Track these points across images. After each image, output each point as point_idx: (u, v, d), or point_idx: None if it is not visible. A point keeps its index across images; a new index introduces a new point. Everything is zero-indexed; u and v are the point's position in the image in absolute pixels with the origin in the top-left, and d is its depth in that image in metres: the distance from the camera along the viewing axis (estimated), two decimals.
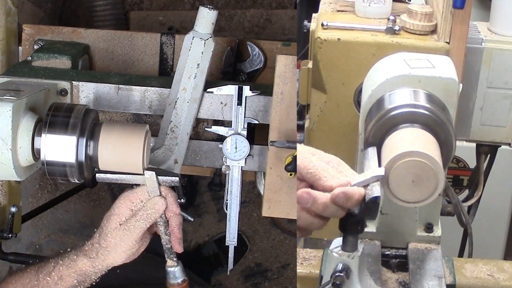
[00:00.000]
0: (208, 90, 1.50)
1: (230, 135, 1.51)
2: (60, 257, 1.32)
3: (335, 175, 1.03)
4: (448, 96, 1.14)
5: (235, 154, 1.52)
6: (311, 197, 0.99)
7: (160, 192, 1.29)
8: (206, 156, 1.56)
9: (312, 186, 1.02)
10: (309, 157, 1.04)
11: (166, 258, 1.34)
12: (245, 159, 1.53)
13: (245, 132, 1.51)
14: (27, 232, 2.70)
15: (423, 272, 1.25)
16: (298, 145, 1.11)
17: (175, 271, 1.35)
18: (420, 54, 1.21)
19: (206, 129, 1.55)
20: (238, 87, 1.50)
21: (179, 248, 1.33)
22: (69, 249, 1.33)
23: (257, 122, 1.53)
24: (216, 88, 1.50)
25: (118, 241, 1.27)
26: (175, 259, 1.35)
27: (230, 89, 1.50)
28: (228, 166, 1.54)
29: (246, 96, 1.50)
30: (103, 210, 1.31)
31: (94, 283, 1.33)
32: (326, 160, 1.05)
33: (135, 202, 1.29)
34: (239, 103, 1.50)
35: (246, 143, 1.51)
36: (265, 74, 1.72)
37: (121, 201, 1.29)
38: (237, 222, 1.57)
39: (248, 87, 1.50)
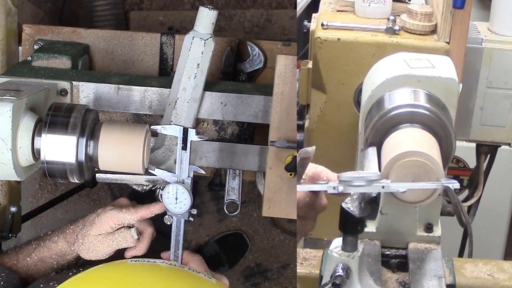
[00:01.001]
0: (152, 127, 1.28)
1: (171, 183, 1.28)
2: (41, 239, 1.38)
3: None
4: (448, 96, 1.14)
5: (175, 206, 1.28)
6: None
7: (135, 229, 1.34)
8: (206, 156, 1.56)
9: None
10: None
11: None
12: (189, 212, 1.30)
13: (189, 181, 1.28)
14: (27, 232, 2.69)
15: (423, 272, 1.25)
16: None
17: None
18: (420, 54, 1.21)
19: (150, 171, 1.31)
20: (184, 128, 1.26)
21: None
22: (49, 232, 1.39)
23: (203, 173, 1.33)
24: (160, 126, 1.28)
25: (91, 247, 1.33)
26: None
27: (174, 130, 1.27)
28: (170, 216, 1.31)
29: (191, 141, 1.27)
30: None
31: (72, 263, 1.39)
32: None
33: (116, 223, 1.33)
34: (184, 148, 1.26)
35: (187, 195, 1.27)
36: (265, 74, 1.72)
37: (106, 216, 1.34)
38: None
39: (194, 130, 1.27)
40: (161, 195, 1.33)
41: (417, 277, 1.24)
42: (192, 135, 1.26)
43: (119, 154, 1.23)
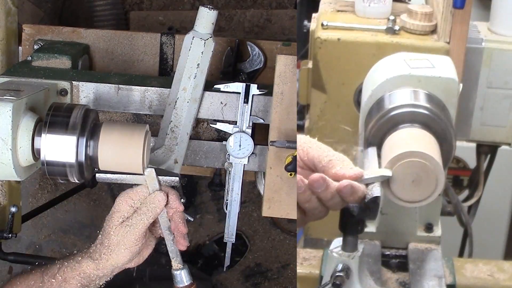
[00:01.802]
0: (215, 86, 1.50)
1: (234, 133, 1.51)
2: (66, 259, 1.31)
3: (349, 166, 1.05)
4: (448, 96, 1.14)
5: (239, 152, 1.51)
6: (325, 183, 1.00)
7: (160, 188, 1.28)
8: (206, 156, 1.56)
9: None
10: (323, 147, 1.08)
11: (172, 261, 1.33)
12: (248, 157, 1.53)
13: (249, 131, 1.51)
14: (27, 232, 2.70)
15: (423, 272, 1.25)
16: (300, 136, 1.12)
17: (181, 274, 1.33)
18: (420, 54, 1.21)
19: (211, 125, 1.54)
20: (246, 85, 1.49)
21: (184, 243, 1.31)
22: (75, 251, 1.33)
23: (262, 120, 1.52)
24: (223, 85, 1.50)
25: (120, 238, 1.25)
26: (180, 260, 1.33)
27: (237, 87, 1.50)
28: (231, 163, 1.53)
29: (253, 95, 1.49)
30: (103, 210, 1.31)
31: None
32: (336, 153, 1.08)
33: (135, 199, 1.28)
34: (246, 101, 1.49)
35: (250, 141, 1.50)
36: (265, 74, 1.72)
37: (121, 199, 1.28)
38: (236, 220, 1.57)
39: (256, 85, 1.49)
40: (227, 144, 1.50)
41: (417, 277, 1.24)
42: (254, 90, 1.49)
43: (119, 154, 1.23)
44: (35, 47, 1.67)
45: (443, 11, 1.36)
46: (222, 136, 1.56)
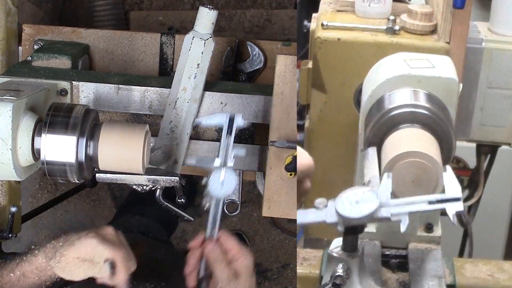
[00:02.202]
0: (197, 119, 1.40)
1: (215, 169, 1.32)
2: (24, 254, 1.32)
3: None
4: (448, 96, 1.14)
5: (222, 188, 1.31)
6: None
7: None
8: (206, 156, 1.56)
9: None
10: None
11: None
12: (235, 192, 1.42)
13: (233, 163, 1.33)
14: (27, 232, 2.70)
15: (423, 272, 1.25)
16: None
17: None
18: (420, 54, 1.21)
19: (188, 162, 1.39)
20: (230, 116, 1.34)
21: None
22: (33, 246, 1.33)
23: (244, 155, 1.38)
24: (206, 116, 1.37)
25: (67, 268, 1.25)
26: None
27: (220, 118, 1.34)
28: (210, 199, 1.33)
29: (237, 126, 1.34)
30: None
31: (55, 279, 1.32)
32: None
33: (92, 254, 1.25)
34: (229, 133, 1.33)
35: (234, 176, 1.32)
36: (265, 74, 1.72)
37: (85, 243, 1.26)
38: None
39: (240, 115, 1.34)
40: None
41: (417, 277, 1.24)
42: (239, 121, 1.34)
43: (119, 154, 1.23)
44: (35, 47, 1.67)
45: (443, 11, 1.36)
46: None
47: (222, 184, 1.31)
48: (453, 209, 1.00)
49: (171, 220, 2.28)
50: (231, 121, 1.34)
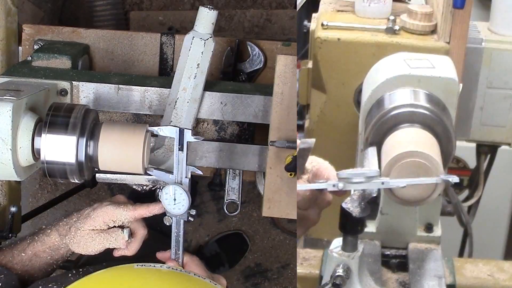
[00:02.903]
0: (149, 128, 1.30)
1: (170, 184, 1.30)
2: (36, 234, 1.37)
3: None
4: (448, 96, 1.14)
5: (174, 207, 1.30)
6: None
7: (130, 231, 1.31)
8: (206, 156, 1.56)
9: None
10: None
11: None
12: (188, 214, 1.32)
13: (187, 182, 1.31)
14: (27, 232, 2.69)
15: (423, 272, 1.25)
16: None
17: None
18: (420, 54, 1.21)
19: (148, 172, 1.32)
20: (179, 130, 1.29)
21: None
22: (43, 226, 1.37)
23: (201, 173, 1.36)
24: (157, 128, 1.31)
25: (82, 242, 1.30)
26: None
27: (170, 131, 1.30)
28: (170, 217, 1.34)
29: (188, 142, 1.30)
30: None
31: (67, 258, 1.37)
32: None
33: (111, 219, 1.31)
34: (181, 149, 1.29)
35: (185, 196, 1.29)
36: (265, 74, 1.72)
37: (102, 211, 1.31)
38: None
39: (190, 131, 1.30)
40: (160, 195, 1.34)
41: (417, 277, 1.24)
42: (188, 136, 1.28)
43: (119, 154, 1.23)
44: (35, 47, 1.67)
45: (443, 11, 1.37)
46: (222, 136, 1.56)
47: (174, 201, 1.29)
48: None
49: None
50: (181, 135, 1.28)
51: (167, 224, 1.32)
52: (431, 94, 1.14)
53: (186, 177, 1.29)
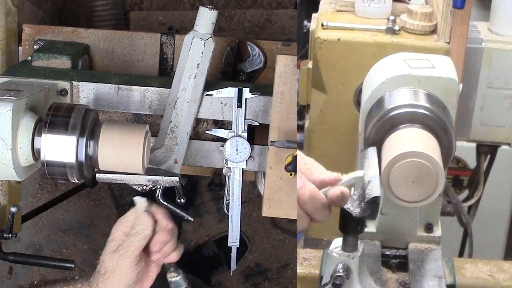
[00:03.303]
0: (208, 93, 1.49)
1: (230, 138, 1.50)
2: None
3: (326, 172, 1.07)
4: (448, 96, 1.14)
5: (236, 156, 1.50)
6: (301, 182, 1.03)
7: (147, 210, 1.29)
8: (206, 156, 1.56)
9: None
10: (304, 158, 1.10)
11: (166, 271, 1.35)
12: (246, 160, 1.52)
13: (245, 134, 1.50)
14: (27, 232, 2.70)
15: (423, 272, 1.25)
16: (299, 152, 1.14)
17: (177, 280, 1.35)
18: (420, 54, 1.21)
19: (206, 131, 1.53)
20: (238, 89, 1.48)
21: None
22: (76, 277, 1.33)
23: (257, 124, 1.51)
24: (216, 91, 1.49)
25: (114, 264, 1.25)
26: (173, 269, 1.35)
27: (229, 92, 1.49)
28: (229, 168, 1.53)
29: (246, 98, 1.49)
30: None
31: None
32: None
33: (128, 226, 1.29)
34: (239, 105, 1.49)
35: (247, 145, 1.50)
36: (265, 74, 1.72)
37: (116, 228, 1.29)
38: (239, 223, 1.57)
39: (248, 88, 1.48)
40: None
41: (417, 277, 1.24)
42: (246, 93, 1.48)
43: (119, 154, 1.23)
44: (35, 47, 1.67)
45: (443, 11, 1.37)
46: (222, 137, 1.56)
47: (237, 152, 1.49)
48: None
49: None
50: (240, 93, 1.48)
51: (227, 175, 1.53)
52: (431, 94, 1.14)
53: (244, 131, 1.50)
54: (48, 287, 1.33)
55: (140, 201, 1.28)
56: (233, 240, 1.59)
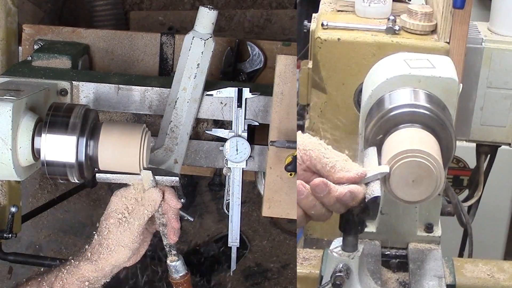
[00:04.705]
0: (208, 93, 1.50)
1: (230, 138, 1.51)
2: (63, 265, 1.30)
3: (351, 167, 1.05)
4: (448, 96, 1.14)
5: (236, 156, 1.51)
6: (327, 188, 1.01)
7: (156, 186, 1.29)
8: (206, 156, 1.56)
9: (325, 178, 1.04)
10: (323, 150, 1.08)
11: (167, 254, 1.35)
12: (246, 160, 1.53)
13: (245, 134, 1.51)
14: (27, 232, 2.70)
15: (423, 272, 1.25)
16: (299, 137, 1.11)
17: (176, 265, 1.36)
18: (420, 54, 1.21)
19: (206, 131, 1.54)
20: (238, 89, 1.49)
21: (173, 238, 1.33)
22: (71, 257, 1.32)
23: (257, 124, 1.52)
24: (216, 90, 1.50)
25: (119, 237, 1.26)
26: (175, 253, 1.35)
27: (229, 92, 1.50)
28: (229, 168, 1.53)
29: (246, 98, 1.49)
30: (103, 210, 1.31)
31: None
32: (337, 154, 1.08)
33: (130, 198, 1.29)
34: (239, 105, 1.49)
35: (247, 145, 1.50)
36: (265, 74, 1.72)
37: (116, 199, 1.29)
38: (239, 222, 1.57)
39: (248, 88, 1.49)
40: (223, 149, 1.50)
41: (417, 277, 1.24)
42: (246, 93, 1.49)
43: (119, 154, 1.23)
44: (35, 47, 1.67)
45: (443, 11, 1.36)
46: (222, 137, 1.56)
47: (237, 152, 1.50)
48: None
49: None
50: (240, 93, 1.48)
51: (227, 175, 1.54)
52: (431, 94, 1.14)
53: (244, 131, 1.50)
54: (46, 274, 1.32)
55: (146, 173, 1.27)
56: (233, 240, 1.59)
